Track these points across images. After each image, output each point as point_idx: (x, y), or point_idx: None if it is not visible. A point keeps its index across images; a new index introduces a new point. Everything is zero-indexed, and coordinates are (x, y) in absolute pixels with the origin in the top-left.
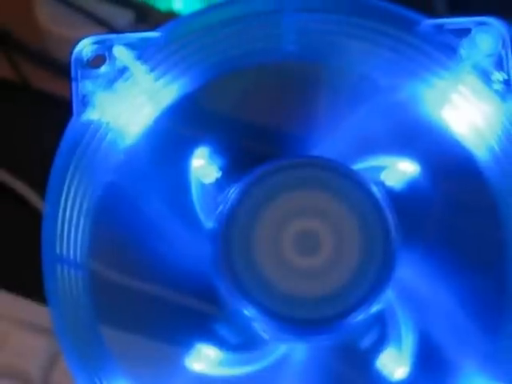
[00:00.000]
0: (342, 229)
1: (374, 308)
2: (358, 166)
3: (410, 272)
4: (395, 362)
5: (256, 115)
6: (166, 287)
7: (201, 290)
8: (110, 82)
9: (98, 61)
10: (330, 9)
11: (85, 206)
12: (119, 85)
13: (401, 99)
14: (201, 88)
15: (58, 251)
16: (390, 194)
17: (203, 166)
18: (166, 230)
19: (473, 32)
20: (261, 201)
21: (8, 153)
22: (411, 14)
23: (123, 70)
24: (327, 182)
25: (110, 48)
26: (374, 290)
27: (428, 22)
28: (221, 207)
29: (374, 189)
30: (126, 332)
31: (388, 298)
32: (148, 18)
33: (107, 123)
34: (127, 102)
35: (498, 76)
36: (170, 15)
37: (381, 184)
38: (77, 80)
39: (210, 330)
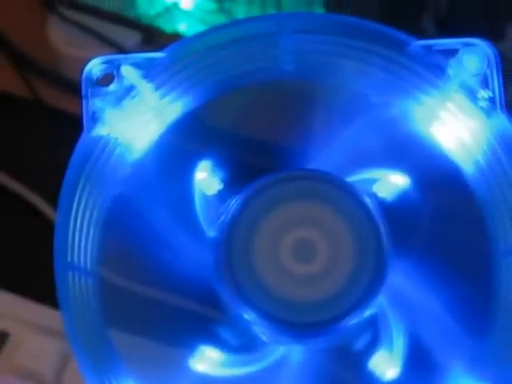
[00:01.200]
0: (337, 238)
1: (367, 312)
2: (352, 178)
3: (401, 279)
4: (387, 363)
5: (255, 131)
6: (171, 293)
7: (204, 296)
8: (118, 100)
9: (106, 79)
10: (325, 30)
11: (94, 216)
12: (127, 102)
13: (392, 116)
14: (203, 105)
15: (69, 259)
16: (382, 205)
17: (206, 178)
18: (171, 239)
19: (460, 52)
20: (260, 211)
21: (22, 166)
22: (402, 36)
23: (130, 89)
24: (323, 193)
25: (118, 67)
26: (367, 295)
27: (418, 43)
28: (222, 217)
29: (367, 200)
30: (133, 335)
31: (380, 302)
32: (154, 39)
33: (115, 138)
34: (134, 119)
35: (484, 94)
36: (175, 37)
37: (373, 195)
38: (87, 98)
39: (212, 332)
